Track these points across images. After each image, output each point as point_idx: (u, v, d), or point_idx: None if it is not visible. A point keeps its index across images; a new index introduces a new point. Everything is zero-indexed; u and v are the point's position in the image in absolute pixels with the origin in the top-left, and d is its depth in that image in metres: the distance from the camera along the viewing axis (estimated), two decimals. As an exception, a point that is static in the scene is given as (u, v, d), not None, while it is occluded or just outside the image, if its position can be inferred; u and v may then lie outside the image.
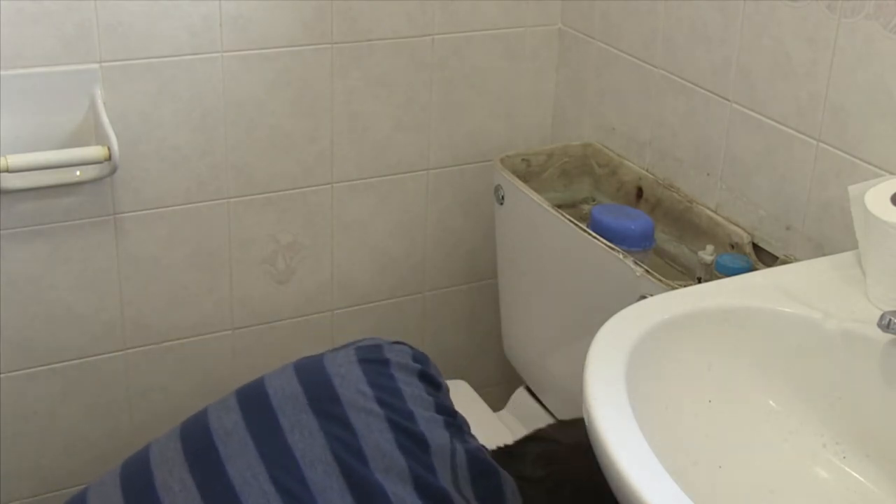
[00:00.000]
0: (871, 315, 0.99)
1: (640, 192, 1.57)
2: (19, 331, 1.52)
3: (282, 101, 1.56)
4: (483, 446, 1.06)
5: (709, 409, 1.02)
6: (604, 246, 1.37)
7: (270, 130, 1.58)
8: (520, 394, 1.70)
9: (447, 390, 1.07)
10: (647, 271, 1.30)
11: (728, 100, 1.39)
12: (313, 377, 1.02)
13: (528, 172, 1.63)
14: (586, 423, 0.88)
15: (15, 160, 1.37)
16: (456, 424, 1.03)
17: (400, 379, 1.02)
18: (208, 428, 1.00)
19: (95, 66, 1.43)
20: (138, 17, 1.43)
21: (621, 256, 1.34)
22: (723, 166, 1.42)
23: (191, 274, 1.61)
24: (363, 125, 1.64)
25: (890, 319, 0.94)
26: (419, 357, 1.07)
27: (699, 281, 1.37)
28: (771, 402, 1.03)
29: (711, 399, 1.02)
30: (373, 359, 1.04)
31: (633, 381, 0.92)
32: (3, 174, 1.39)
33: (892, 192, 1.06)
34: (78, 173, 1.44)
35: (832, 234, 1.26)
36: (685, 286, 1.16)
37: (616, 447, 0.83)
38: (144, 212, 1.54)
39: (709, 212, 1.44)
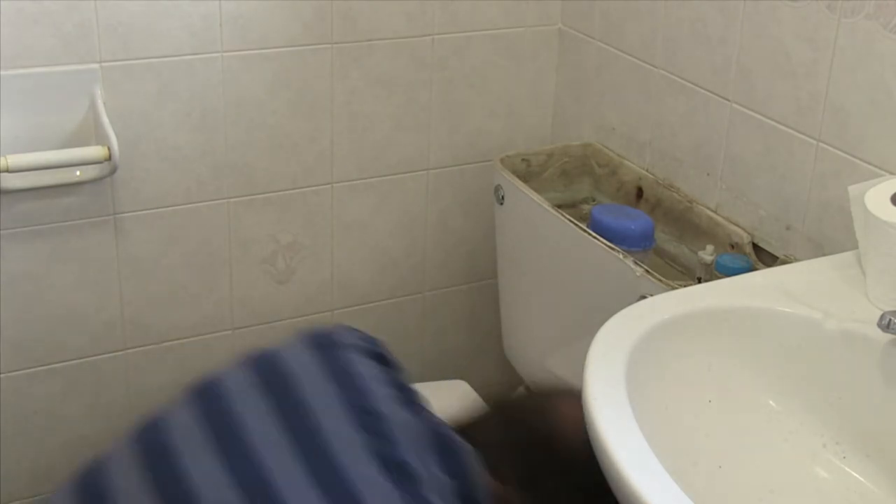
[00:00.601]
0: (871, 315, 0.99)
1: (640, 192, 1.57)
2: (19, 331, 1.52)
3: (282, 101, 1.56)
4: (441, 420, 1.07)
5: (709, 409, 1.02)
6: (604, 246, 1.37)
7: (270, 130, 1.57)
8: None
9: (399, 367, 1.09)
10: (647, 271, 1.30)
11: (728, 100, 1.39)
12: (268, 366, 1.04)
13: (528, 172, 1.62)
14: (586, 424, 0.88)
15: (15, 160, 1.37)
16: (412, 399, 1.04)
17: (353, 360, 1.05)
18: (161, 424, 1.01)
19: (95, 66, 1.43)
20: (138, 17, 1.43)
21: (621, 256, 1.34)
22: (723, 166, 1.42)
23: (191, 274, 1.61)
24: (363, 125, 1.64)
25: (890, 319, 0.94)
26: (368, 338, 1.10)
27: (699, 281, 1.37)
28: (771, 402, 1.03)
29: (711, 399, 1.02)
30: (324, 343, 1.07)
31: (633, 381, 0.92)
32: (3, 174, 1.39)
33: (892, 192, 1.06)
34: (78, 173, 1.44)
35: (832, 234, 1.26)
36: (685, 286, 1.15)
37: (616, 447, 0.83)
38: (144, 212, 1.54)
39: (709, 212, 1.44)
